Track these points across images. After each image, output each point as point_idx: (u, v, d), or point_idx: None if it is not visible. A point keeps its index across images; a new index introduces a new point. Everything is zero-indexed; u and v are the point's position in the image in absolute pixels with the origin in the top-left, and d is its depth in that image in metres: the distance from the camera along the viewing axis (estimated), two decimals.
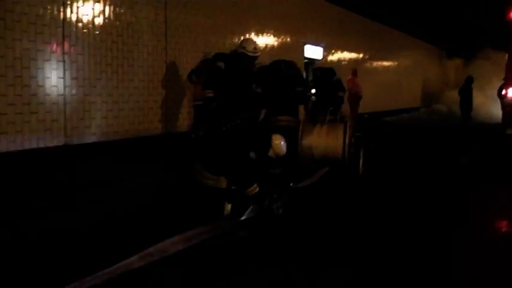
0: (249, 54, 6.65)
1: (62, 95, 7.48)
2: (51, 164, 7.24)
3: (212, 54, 7.55)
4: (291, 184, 7.43)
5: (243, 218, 5.73)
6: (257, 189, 5.78)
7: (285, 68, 8.04)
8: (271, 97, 7.70)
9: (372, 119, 18.93)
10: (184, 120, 9.99)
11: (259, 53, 6.72)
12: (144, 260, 4.17)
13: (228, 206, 5.66)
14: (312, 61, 10.35)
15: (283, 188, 6.46)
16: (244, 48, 6.63)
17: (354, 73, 16.11)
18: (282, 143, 6.26)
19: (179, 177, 6.88)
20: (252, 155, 5.88)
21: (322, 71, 10.41)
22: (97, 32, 8.05)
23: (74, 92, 7.67)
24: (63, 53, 7.48)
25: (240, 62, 6.64)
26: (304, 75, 15.82)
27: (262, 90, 6.86)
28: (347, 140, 7.90)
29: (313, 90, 10.12)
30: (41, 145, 7.22)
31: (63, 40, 7.47)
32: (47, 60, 7.23)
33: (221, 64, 6.55)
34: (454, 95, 20.18)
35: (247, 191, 5.73)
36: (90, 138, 7.99)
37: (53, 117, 7.36)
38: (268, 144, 6.13)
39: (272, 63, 8.23)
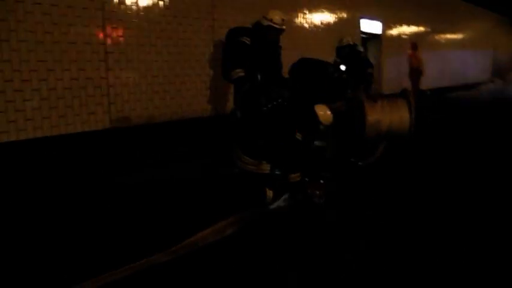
0: (276, 26, 6.23)
1: (104, 78, 7.33)
2: (96, 147, 7.14)
3: (230, 29, 7.04)
4: (360, 163, 7.17)
5: (274, 205, 5.36)
6: (299, 177, 5.42)
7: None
8: (314, 88, 7.42)
9: (436, 95, 18.14)
10: None
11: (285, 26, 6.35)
12: (170, 256, 3.91)
13: (270, 192, 5.31)
14: (341, 38, 9.82)
15: (333, 174, 6.06)
16: (271, 20, 6.21)
17: (414, 47, 15.43)
18: (328, 112, 5.82)
19: (223, 161, 6.54)
20: (298, 136, 5.50)
21: (351, 48, 9.89)
22: (139, 13, 7.84)
23: (117, 75, 7.51)
24: (104, 36, 7.32)
25: (267, 36, 6.23)
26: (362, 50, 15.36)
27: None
28: (413, 113, 7.56)
29: (343, 67, 9.67)
30: (86, 129, 7.11)
31: (104, 22, 7.29)
32: (87, 43, 7.07)
33: (246, 40, 6.12)
34: None
35: (289, 176, 5.39)
36: (136, 121, 7.83)
37: (96, 100, 7.23)
38: (315, 122, 5.71)
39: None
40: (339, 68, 9.27)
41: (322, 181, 5.59)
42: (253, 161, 5.37)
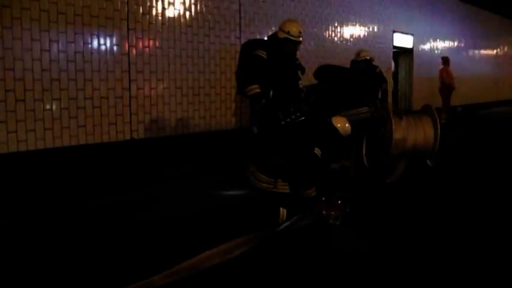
0: (294, 39, 5.99)
1: (126, 89, 7.30)
2: (115, 158, 7.11)
3: (244, 42, 6.76)
4: (387, 181, 7.08)
5: (285, 225, 5.19)
6: (314, 193, 5.27)
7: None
8: (343, 92, 7.32)
9: (467, 112, 17.76)
10: None
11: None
12: (171, 278, 3.78)
13: (284, 212, 5.16)
14: (358, 52, 9.42)
15: (352, 194, 5.86)
16: (288, 32, 5.93)
17: (446, 62, 15.11)
18: (346, 124, 5.69)
19: (239, 177, 6.36)
20: (317, 151, 5.35)
21: (367, 62, 9.58)
22: (165, 24, 7.81)
23: (139, 85, 7.48)
24: (128, 46, 7.30)
25: (284, 48, 5.99)
26: (393, 65, 15.16)
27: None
28: (438, 130, 7.42)
29: None
30: (105, 140, 7.08)
31: (128, 33, 7.28)
32: (110, 53, 7.06)
33: (262, 53, 5.79)
34: None
35: (304, 192, 5.24)
36: (157, 133, 7.78)
37: (118, 111, 7.20)
38: (335, 137, 5.59)
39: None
40: (363, 73, 9.01)
41: (339, 201, 5.41)
42: (269, 179, 5.25)
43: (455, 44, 19.56)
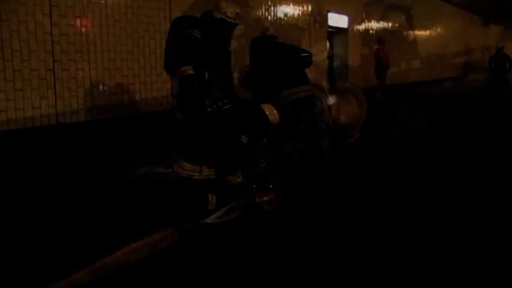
0: (230, 21, 5.64)
1: (50, 70, 6.93)
2: (39, 145, 6.75)
3: (176, 18, 6.24)
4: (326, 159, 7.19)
5: (216, 215, 5.03)
6: (240, 178, 5.12)
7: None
8: (278, 71, 7.16)
9: (402, 91, 17.99)
10: None
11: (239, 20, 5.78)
12: (93, 275, 3.55)
13: (213, 198, 5.01)
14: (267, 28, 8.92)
15: (281, 177, 5.76)
16: (224, 13, 5.56)
17: (381, 41, 15.18)
18: (274, 111, 5.57)
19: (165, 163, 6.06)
20: (243, 139, 5.20)
21: (273, 38, 9.22)
22: (91, 1, 7.44)
23: (64, 66, 7.11)
24: (51, 24, 6.91)
25: (219, 29, 5.64)
26: (328, 45, 15.14)
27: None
28: (364, 108, 7.53)
29: None
30: (29, 125, 6.71)
31: (51, 10, 6.89)
32: (32, 32, 6.66)
33: (196, 33, 5.41)
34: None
35: (228, 178, 5.08)
36: (85, 117, 7.44)
37: (41, 94, 6.83)
38: (264, 126, 5.45)
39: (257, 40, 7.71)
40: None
41: (271, 186, 5.29)
42: (194, 166, 5.08)
43: (392, 24, 19.73)
